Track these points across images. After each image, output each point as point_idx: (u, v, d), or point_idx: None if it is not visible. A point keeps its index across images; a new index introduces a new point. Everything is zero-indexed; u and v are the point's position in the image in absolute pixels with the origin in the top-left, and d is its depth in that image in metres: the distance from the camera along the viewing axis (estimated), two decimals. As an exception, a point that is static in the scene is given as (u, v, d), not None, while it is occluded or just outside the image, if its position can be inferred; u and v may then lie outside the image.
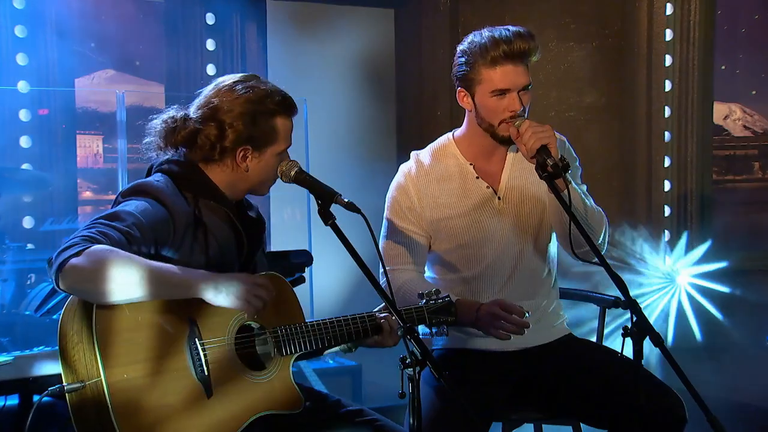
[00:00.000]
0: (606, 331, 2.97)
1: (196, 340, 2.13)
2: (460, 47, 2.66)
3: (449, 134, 2.84)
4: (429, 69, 5.29)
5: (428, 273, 2.88)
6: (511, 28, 2.60)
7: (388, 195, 2.83)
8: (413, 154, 2.86)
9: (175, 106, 2.36)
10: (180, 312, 2.12)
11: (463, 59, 2.64)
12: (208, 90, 2.34)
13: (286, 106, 2.33)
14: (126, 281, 1.99)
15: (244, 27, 5.01)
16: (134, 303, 2.04)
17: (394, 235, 2.78)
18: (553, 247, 2.83)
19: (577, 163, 2.81)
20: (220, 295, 2.09)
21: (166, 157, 2.34)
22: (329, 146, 5.05)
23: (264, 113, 2.29)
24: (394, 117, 5.44)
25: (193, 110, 2.32)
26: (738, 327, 4.69)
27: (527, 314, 2.56)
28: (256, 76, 2.37)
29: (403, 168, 2.83)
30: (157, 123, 2.33)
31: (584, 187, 2.74)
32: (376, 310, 2.43)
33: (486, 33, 2.61)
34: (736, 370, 4.41)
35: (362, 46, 5.24)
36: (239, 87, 2.30)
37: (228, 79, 2.36)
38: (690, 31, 4.99)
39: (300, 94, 4.84)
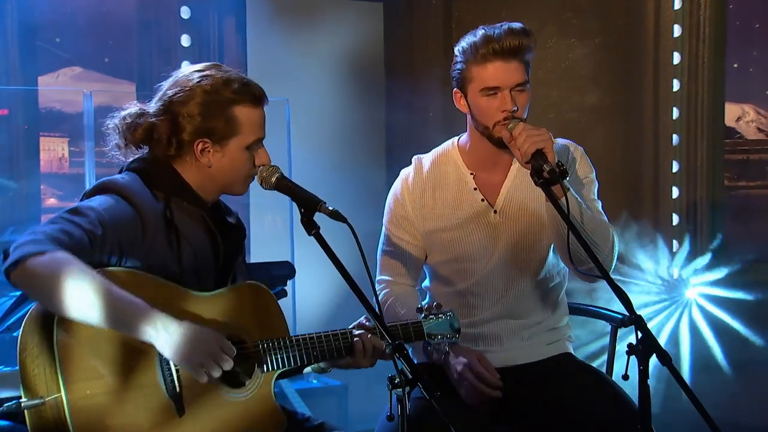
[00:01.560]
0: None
1: None
2: (456, 48, 2.72)
3: (454, 139, 2.90)
4: (421, 67, 5.31)
5: (426, 283, 2.94)
6: (505, 24, 2.65)
7: (387, 201, 2.90)
8: (415, 158, 2.92)
9: (134, 102, 2.38)
10: None
11: (458, 59, 2.70)
12: (166, 82, 2.36)
13: (247, 93, 2.32)
14: (79, 301, 1.98)
15: (221, 22, 5.02)
16: None
17: (390, 244, 2.86)
18: (559, 262, 2.85)
19: (593, 176, 2.84)
20: (173, 353, 2.03)
21: (136, 156, 2.35)
22: (313, 150, 5.05)
23: (221, 102, 2.29)
24: (383, 119, 5.45)
25: (151, 105, 2.34)
26: (764, 338, 4.71)
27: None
28: (217, 64, 2.38)
29: (402, 174, 2.90)
30: (116, 120, 2.35)
31: (599, 204, 2.77)
32: (352, 326, 2.43)
33: (480, 31, 2.66)
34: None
35: (349, 42, 5.26)
36: (196, 76, 2.31)
37: (187, 69, 2.38)
38: (700, 27, 5.02)
39: (282, 94, 4.87)
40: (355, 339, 2.37)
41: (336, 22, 5.25)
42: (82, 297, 1.98)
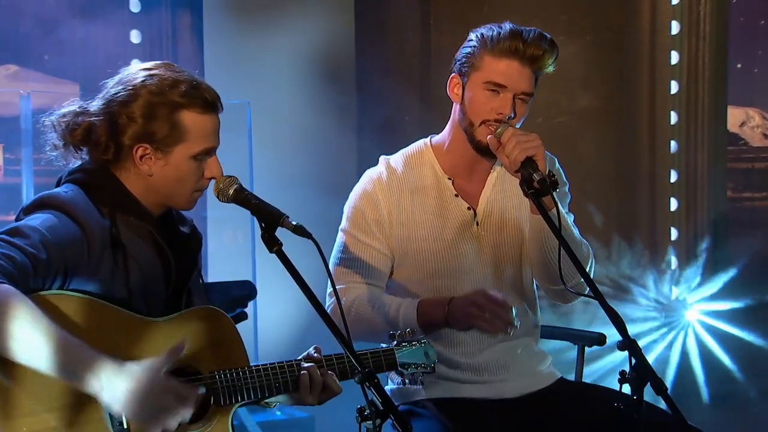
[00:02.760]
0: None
1: None
2: (474, 32, 2.76)
3: (425, 140, 2.90)
4: (396, 66, 5.33)
5: None
6: (536, 29, 2.71)
7: (349, 204, 2.86)
8: (382, 159, 2.90)
9: (75, 99, 2.37)
10: (100, 349, 2.09)
11: (472, 42, 2.73)
12: (111, 80, 2.36)
13: (197, 97, 2.31)
14: (21, 345, 1.97)
15: (175, 16, 5.01)
16: None
17: (350, 252, 2.80)
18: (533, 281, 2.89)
19: (567, 189, 2.88)
20: (120, 410, 2.02)
21: (77, 164, 2.35)
22: (277, 157, 5.05)
23: (166, 105, 2.28)
24: (354, 123, 5.46)
25: (93, 104, 2.34)
26: (754, 379, 4.74)
27: (514, 311, 2.60)
28: (169, 64, 2.38)
29: (371, 174, 2.87)
30: (53, 118, 2.35)
31: (571, 218, 2.80)
32: (301, 357, 2.42)
33: (508, 25, 2.71)
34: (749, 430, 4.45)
35: (317, 39, 5.27)
36: (141, 75, 2.31)
37: (135, 67, 2.38)
38: (700, 24, 5.07)
39: (243, 96, 4.88)
40: (302, 372, 2.36)
41: (303, 16, 5.26)
42: (24, 341, 1.97)
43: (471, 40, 2.73)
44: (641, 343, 4.71)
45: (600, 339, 3.03)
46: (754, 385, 4.77)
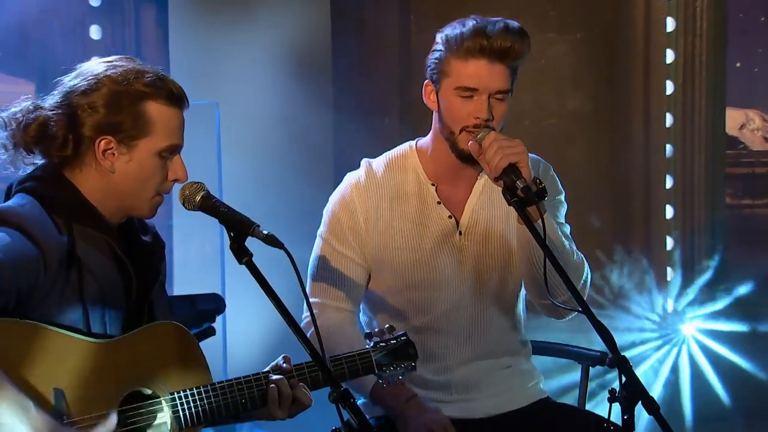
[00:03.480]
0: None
1: (63, 417, 2.10)
2: (439, 34, 2.76)
3: (411, 142, 2.91)
4: (374, 65, 5.34)
5: (363, 318, 2.92)
6: (501, 20, 2.70)
7: (327, 209, 2.88)
8: (364, 162, 2.91)
9: (29, 96, 2.35)
10: (43, 379, 2.09)
11: (439, 47, 2.73)
12: (68, 76, 2.35)
13: (164, 88, 2.31)
14: None
15: (138, 10, 5.00)
16: None
17: (327, 261, 2.82)
18: (522, 293, 2.90)
19: (563, 198, 2.89)
20: None
21: (28, 171, 2.33)
22: (248, 161, 5.04)
23: (131, 94, 2.27)
24: (330, 124, 5.46)
25: (48, 99, 2.32)
26: (741, 404, 4.75)
27: None
28: (130, 58, 2.37)
29: (351, 178, 2.88)
30: (4, 115, 2.32)
31: (567, 228, 2.82)
32: (268, 368, 2.40)
33: (471, 22, 2.70)
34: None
35: (290, 36, 5.27)
36: (103, 67, 2.31)
37: (95, 61, 2.37)
38: (696, 20, 5.10)
39: (211, 96, 4.87)
40: (270, 385, 2.35)
41: (276, 11, 5.25)
42: None
43: (437, 43, 2.73)
44: (633, 354, 4.75)
45: (602, 358, 2.99)
46: (740, 411, 4.80)
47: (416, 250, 2.81)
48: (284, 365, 2.40)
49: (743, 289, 4.95)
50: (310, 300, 2.74)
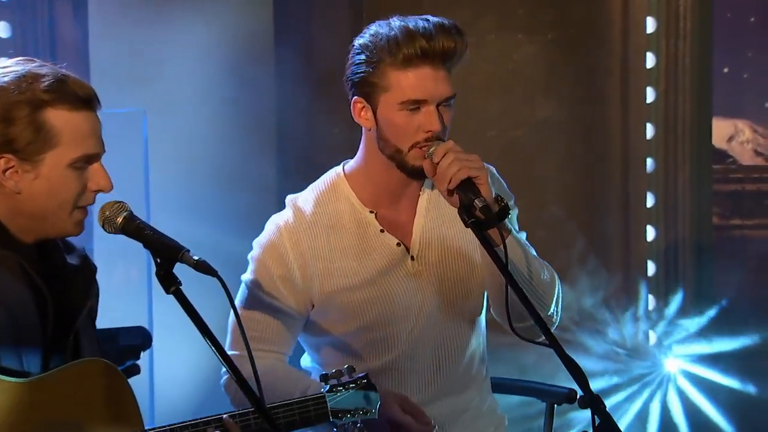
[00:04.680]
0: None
1: None
2: (358, 41, 2.74)
3: (338, 168, 2.90)
4: (321, 69, 5.35)
5: (313, 364, 2.93)
6: (431, 18, 2.69)
7: (253, 255, 2.86)
8: (289, 200, 2.89)
9: None
10: None
11: (362, 57, 2.71)
12: None
13: (64, 92, 2.28)
14: None
15: (53, 6, 4.97)
16: None
17: (253, 310, 2.80)
18: (483, 321, 2.91)
19: (513, 202, 2.89)
20: None
21: None
22: (179, 174, 5.02)
23: (26, 104, 2.25)
24: (273, 137, 5.47)
25: None
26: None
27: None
28: (29, 58, 2.35)
29: (277, 220, 2.86)
30: None
31: (523, 235, 2.83)
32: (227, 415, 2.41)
33: (397, 23, 2.69)
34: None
35: (228, 35, 5.27)
36: None
37: None
38: (680, 20, 5.14)
39: (137, 104, 4.85)
40: (216, 429, 2.34)
41: (211, 9, 5.26)
42: None
43: (360, 53, 2.71)
44: (613, 398, 4.77)
45: (570, 395, 3.04)
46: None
47: (366, 288, 2.80)
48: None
49: (732, 317, 4.99)
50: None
